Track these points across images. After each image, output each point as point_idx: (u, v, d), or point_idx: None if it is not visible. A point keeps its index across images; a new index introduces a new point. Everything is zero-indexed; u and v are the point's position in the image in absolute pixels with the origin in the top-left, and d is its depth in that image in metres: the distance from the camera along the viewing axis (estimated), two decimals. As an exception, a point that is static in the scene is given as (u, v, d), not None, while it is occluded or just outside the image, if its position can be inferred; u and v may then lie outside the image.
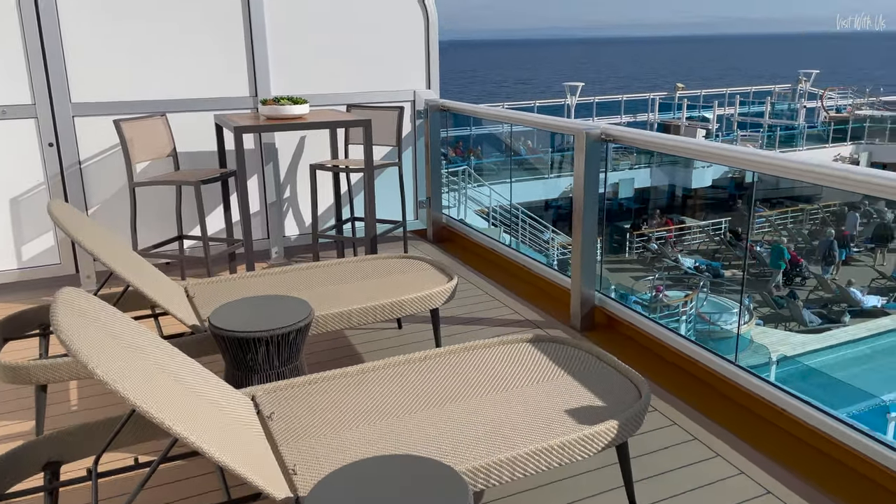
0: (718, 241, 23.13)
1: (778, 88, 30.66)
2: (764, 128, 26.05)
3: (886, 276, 19.49)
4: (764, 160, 2.67)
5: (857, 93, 31.67)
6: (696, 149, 3.29)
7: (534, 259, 4.50)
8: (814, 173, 2.44)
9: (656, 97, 28.81)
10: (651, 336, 3.38)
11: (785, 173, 2.64)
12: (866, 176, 2.22)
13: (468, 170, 17.75)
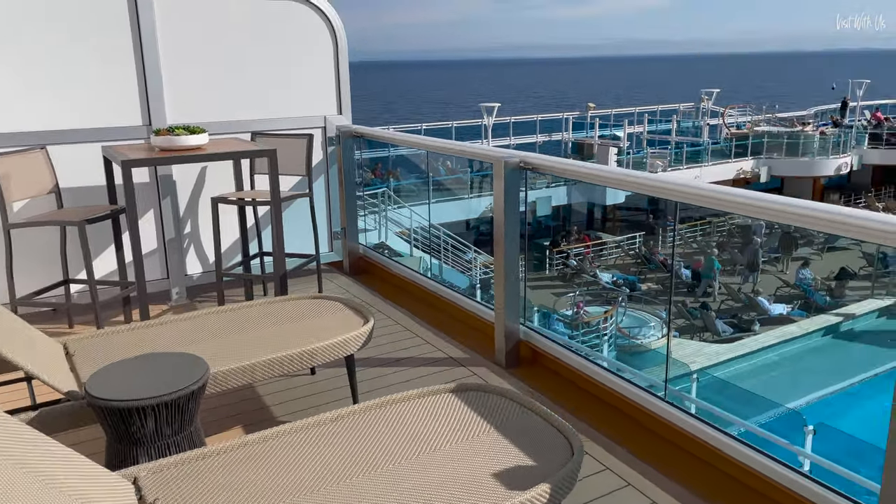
0: (634, 255, 23.80)
1: (683, 107, 32.04)
2: (671, 145, 27.09)
3: (790, 283, 20.48)
4: (667, 186, 2.67)
5: (755, 110, 33.52)
6: (611, 177, 3.21)
7: (456, 290, 4.32)
8: (707, 198, 2.49)
9: (569, 116, 29.53)
10: (578, 371, 3.25)
11: (682, 198, 2.63)
12: (746, 199, 2.33)
13: (388, 192, 17.54)
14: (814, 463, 5.66)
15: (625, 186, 3.00)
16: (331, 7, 4.82)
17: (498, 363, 3.53)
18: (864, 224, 1.96)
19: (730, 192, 2.45)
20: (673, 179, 2.76)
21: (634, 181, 2.97)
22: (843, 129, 29.25)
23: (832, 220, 2.05)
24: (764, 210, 2.28)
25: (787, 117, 33.04)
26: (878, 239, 1.93)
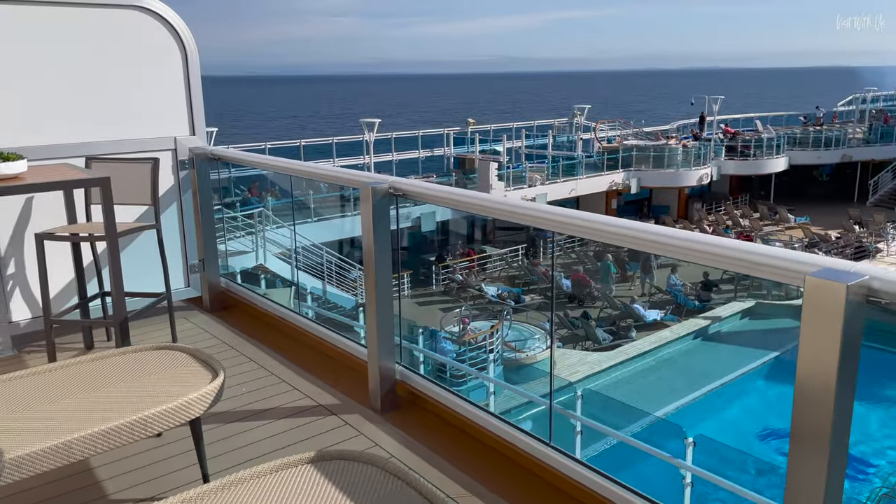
0: (517, 266, 24.23)
1: (558, 122, 33.18)
2: (548, 159, 27.93)
3: (662, 289, 21.51)
4: (532, 214, 2.61)
5: (624, 125, 35.31)
6: (484, 204, 2.99)
7: (326, 327, 3.97)
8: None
9: (450, 132, 29.79)
10: (460, 415, 3.00)
11: (547, 225, 2.57)
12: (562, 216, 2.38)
13: (264, 211, 16.80)
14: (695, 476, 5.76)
15: (496, 214, 2.81)
16: (178, 18, 4.36)
17: (373, 408, 3.22)
18: (688, 245, 1.93)
19: (585, 218, 2.38)
20: (539, 208, 2.62)
21: (504, 209, 2.78)
22: (703, 142, 31.35)
23: (662, 243, 2.03)
24: (601, 232, 2.27)
25: (652, 131, 35.03)
26: (703, 260, 1.91)
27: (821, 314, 1.49)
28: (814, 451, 1.60)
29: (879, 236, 24.63)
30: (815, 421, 1.58)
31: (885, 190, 33.36)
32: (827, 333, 1.50)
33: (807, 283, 1.50)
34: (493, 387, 13.12)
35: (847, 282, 1.44)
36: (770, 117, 39.30)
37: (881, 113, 39.13)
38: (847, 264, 1.53)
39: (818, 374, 1.54)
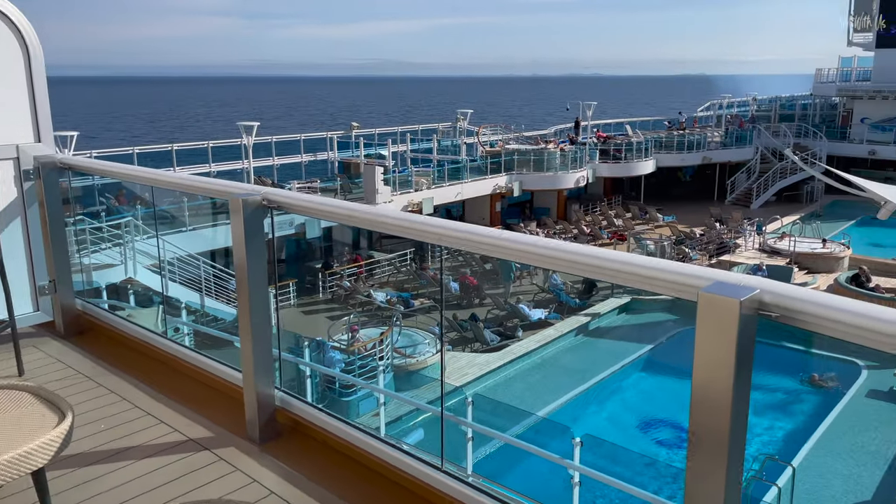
0: (406, 271, 24.14)
1: (441, 126, 33.45)
2: (434, 163, 28.07)
3: (544, 288, 22.13)
4: (413, 226, 2.49)
5: (505, 129, 36.15)
6: (362, 216, 2.81)
7: (198, 351, 3.64)
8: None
9: (334, 136, 29.29)
10: (345, 441, 2.81)
11: (425, 238, 2.48)
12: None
13: (133, 221, 15.72)
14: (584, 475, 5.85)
15: (376, 227, 2.65)
16: (19, 12, 3.89)
17: (251, 439, 2.96)
18: (580, 259, 1.89)
19: (462, 229, 2.31)
20: (418, 220, 2.50)
21: (385, 221, 2.63)
22: (578, 146, 32.66)
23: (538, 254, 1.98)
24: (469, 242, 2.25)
25: (532, 136, 36.11)
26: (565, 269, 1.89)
27: (714, 328, 1.46)
28: (712, 459, 1.57)
29: (738, 232, 26.60)
30: (713, 427, 1.55)
31: (741, 189, 36.12)
32: (721, 346, 1.46)
33: (700, 298, 1.46)
34: (384, 396, 12.95)
35: (740, 297, 1.41)
36: (638, 122, 41.61)
37: (736, 118, 42.41)
38: (738, 277, 1.51)
39: (714, 385, 1.51)
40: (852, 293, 18.99)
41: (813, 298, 1.40)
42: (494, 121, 43.74)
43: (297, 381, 8.98)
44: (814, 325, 1.40)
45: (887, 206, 19.00)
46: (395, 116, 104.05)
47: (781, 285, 1.45)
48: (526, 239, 1.99)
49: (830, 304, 1.37)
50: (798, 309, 1.41)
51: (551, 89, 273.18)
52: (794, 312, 1.42)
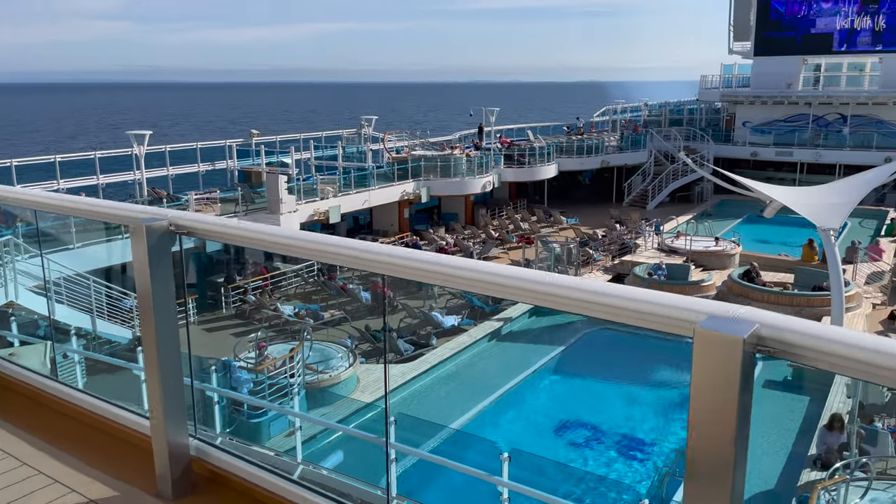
0: (314, 282, 23.49)
1: (346, 133, 32.94)
2: (339, 170, 27.56)
3: (456, 294, 22.11)
4: (328, 249, 2.29)
5: (411, 135, 36.05)
6: (282, 241, 2.53)
7: (97, 396, 3.22)
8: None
9: (233, 144, 28.22)
10: (269, 492, 2.51)
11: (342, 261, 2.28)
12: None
13: (13, 239, 14.42)
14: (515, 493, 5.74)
15: (293, 252, 2.39)
16: None
17: (163, 496, 2.61)
18: (561, 293, 1.71)
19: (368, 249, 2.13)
20: (358, 246, 2.26)
21: (302, 245, 2.38)
22: (483, 152, 33.01)
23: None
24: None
25: (437, 141, 36.20)
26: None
27: (714, 367, 1.31)
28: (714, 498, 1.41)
29: (637, 233, 27.64)
30: (714, 466, 1.40)
31: (637, 191, 37.64)
32: (721, 386, 1.31)
33: (697, 335, 1.31)
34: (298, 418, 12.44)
35: (741, 335, 1.26)
36: (539, 128, 42.60)
37: (630, 123, 44.19)
38: (731, 309, 1.37)
39: (714, 425, 1.36)
40: (744, 288, 20.09)
41: (817, 332, 1.28)
42: (399, 127, 43.59)
43: (203, 408, 8.41)
44: (819, 361, 1.27)
45: (773, 205, 20.15)
46: (297, 123, 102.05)
47: (780, 318, 1.32)
48: (491, 269, 1.78)
49: (837, 339, 1.25)
50: (800, 344, 1.29)
51: (452, 95, 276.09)
52: (795, 348, 1.29)
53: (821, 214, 18.22)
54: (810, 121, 39.68)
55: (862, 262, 22.82)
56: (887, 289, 21.49)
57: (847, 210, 18.39)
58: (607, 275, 23.01)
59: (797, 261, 23.56)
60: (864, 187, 19.17)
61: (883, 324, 18.99)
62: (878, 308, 20.15)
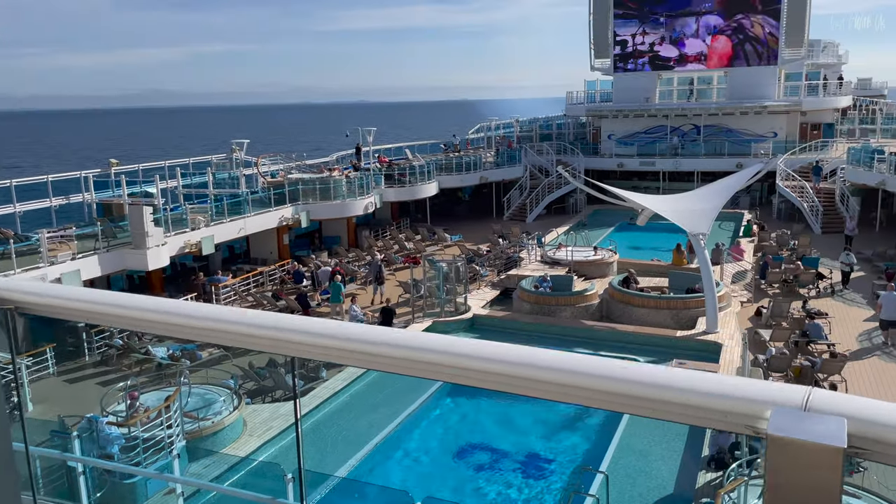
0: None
1: (216, 158, 31.31)
2: (210, 198, 26.04)
3: (344, 319, 21.34)
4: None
5: (286, 158, 34.85)
6: (134, 316, 1.96)
7: None
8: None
9: (89, 174, 25.97)
10: None
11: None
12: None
13: None
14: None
15: (158, 329, 1.83)
16: None
17: None
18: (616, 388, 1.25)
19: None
20: (226, 316, 1.75)
21: (176, 322, 1.81)
22: (363, 172, 32.46)
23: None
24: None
25: (314, 164, 35.25)
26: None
27: (800, 483, 0.91)
28: None
29: (520, 246, 28.06)
30: None
31: (516, 205, 38.47)
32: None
33: (771, 443, 0.91)
34: (180, 464, 11.30)
35: (838, 441, 0.88)
36: (416, 146, 42.66)
37: (504, 139, 45.25)
38: (799, 394, 0.98)
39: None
40: (625, 295, 20.75)
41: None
42: (273, 150, 42.15)
43: (65, 481, 7.32)
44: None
45: (645, 213, 21.02)
46: (165, 150, 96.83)
47: (870, 406, 0.95)
48: (482, 352, 1.31)
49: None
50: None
51: (325, 116, 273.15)
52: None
53: (690, 220, 19.18)
54: (668, 132, 42.32)
55: (727, 263, 24.30)
56: (751, 286, 22.98)
57: (713, 214, 19.49)
58: (495, 290, 23.10)
59: (669, 265, 24.71)
60: (727, 192, 20.42)
61: (751, 320, 20.22)
62: (746, 305, 21.46)
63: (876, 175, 30.33)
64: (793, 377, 15.90)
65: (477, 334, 19.84)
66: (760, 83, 40.01)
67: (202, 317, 1.78)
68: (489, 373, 1.28)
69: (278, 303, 22.98)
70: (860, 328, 19.31)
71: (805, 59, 41.37)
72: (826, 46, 54.76)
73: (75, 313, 1.92)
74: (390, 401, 16.15)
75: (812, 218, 32.80)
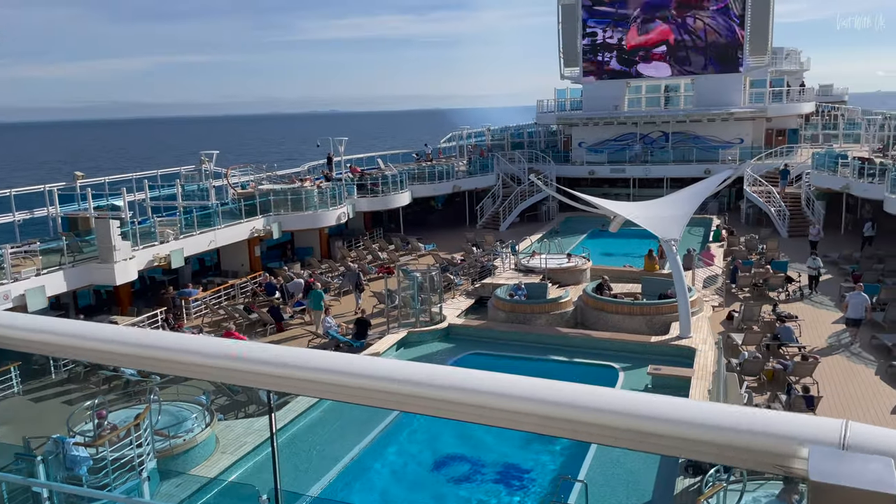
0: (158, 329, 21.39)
1: (185, 170, 30.83)
2: (179, 210, 25.61)
3: (318, 333, 21.11)
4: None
5: (256, 169, 34.46)
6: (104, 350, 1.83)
7: None
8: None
9: (53, 188, 25.36)
10: None
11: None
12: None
13: None
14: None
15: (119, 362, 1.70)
16: None
17: None
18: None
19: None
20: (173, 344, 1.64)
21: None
22: (335, 182, 32.22)
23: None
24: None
25: (285, 174, 34.90)
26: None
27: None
28: None
29: (494, 254, 28.06)
30: None
31: (489, 213, 38.52)
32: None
33: (812, 490, 0.83)
34: (150, 485, 11.00)
35: (892, 490, 0.80)
36: (389, 156, 42.52)
37: (476, 148, 45.33)
38: (833, 428, 0.91)
39: None
40: (599, 301, 20.83)
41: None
42: (243, 161, 41.69)
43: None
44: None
45: (617, 220, 21.16)
46: (132, 161, 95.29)
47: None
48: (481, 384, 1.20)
49: None
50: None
51: (296, 127, 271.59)
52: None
53: (662, 226, 19.34)
54: (638, 139, 42.80)
55: (698, 268, 24.56)
56: (722, 291, 23.25)
57: (685, 220, 19.67)
58: (470, 299, 23.03)
59: (641, 271, 24.90)
60: (697, 198, 20.66)
61: (723, 324, 20.43)
62: (717, 310, 21.69)
63: (840, 179, 30.98)
64: (766, 381, 16.08)
65: (452, 344, 19.73)
66: (726, 90, 40.70)
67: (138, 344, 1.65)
68: (456, 403, 1.19)
69: (250, 315, 22.64)
70: (829, 330, 19.64)
71: (769, 66, 42.19)
72: (789, 54, 56.04)
73: (32, 346, 1.79)
74: (368, 412, 15.94)
75: (779, 222, 33.36)
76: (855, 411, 14.39)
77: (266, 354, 1.38)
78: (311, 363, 1.34)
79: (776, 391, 15.08)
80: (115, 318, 21.78)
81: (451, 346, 19.58)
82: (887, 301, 20.45)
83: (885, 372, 16.36)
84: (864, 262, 25.81)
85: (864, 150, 37.27)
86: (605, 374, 17.14)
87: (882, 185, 27.29)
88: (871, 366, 16.96)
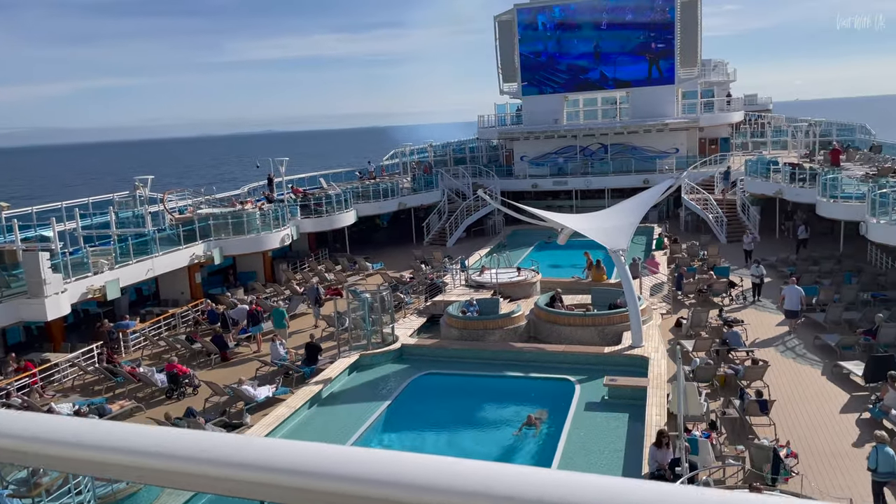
0: (94, 370, 20.29)
1: (118, 196, 29.58)
2: (114, 239, 24.49)
3: (266, 361, 20.39)
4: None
5: (194, 193, 33.40)
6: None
7: None
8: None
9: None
10: None
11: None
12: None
13: None
14: None
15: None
16: None
17: None
18: None
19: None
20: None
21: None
22: (277, 204, 31.49)
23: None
24: None
25: (225, 197, 33.94)
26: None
27: None
28: None
29: (443, 271, 27.86)
30: None
31: (436, 230, 38.37)
32: None
33: None
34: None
35: None
36: (331, 175, 41.95)
37: (420, 164, 45.20)
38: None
39: None
40: (551, 314, 20.83)
41: None
42: (180, 185, 40.40)
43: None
44: None
45: (565, 232, 21.22)
46: (60, 189, 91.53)
47: None
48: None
49: None
50: None
51: (231, 148, 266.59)
52: None
53: (609, 236, 19.49)
54: (578, 151, 43.48)
55: (644, 276, 24.91)
56: (669, 298, 23.62)
57: (631, 230, 19.89)
58: (422, 317, 22.71)
59: (589, 282, 25.09)
60: (642, 208, 20.94)
61: (672, 331, 20.70)
62: (666, 317, 21.99)
63: (773, 185, 32.09)
64: (718, 386, 16.28)
65: (406, 365, 19.35)
66: (660, 102, 41.80)
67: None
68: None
69: (193, 346, 21.74)
70: (775, 332, 20.13)
71: (699, 77, 43.58)
72: (716, 66, 58.12)
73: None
74: (328, 441, 15.38)
75: (717, 228, 34.30)
76: (807, 413, 14.69)
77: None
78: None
79: (729, 396, 15.27)
80: (47, 355, 20.56)
81: (405, 367, 19.20)
82: (826, 302, 21.14)
83: (830, 372, 16.81)
84: (801, 264, 26.70)
85: (793, 156, 38.82)
86: (562, 388, 17.07)
87: (813, 189, 28.36)
88: (817, 366, 17.42)
